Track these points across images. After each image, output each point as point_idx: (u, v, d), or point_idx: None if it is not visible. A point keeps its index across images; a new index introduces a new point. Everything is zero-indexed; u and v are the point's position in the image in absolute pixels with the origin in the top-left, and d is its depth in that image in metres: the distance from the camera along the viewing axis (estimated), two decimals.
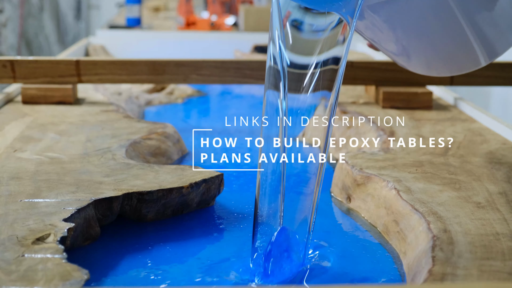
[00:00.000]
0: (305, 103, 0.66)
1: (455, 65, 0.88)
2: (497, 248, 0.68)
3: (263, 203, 0.68)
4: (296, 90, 0.66)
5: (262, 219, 0.68)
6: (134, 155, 1.01)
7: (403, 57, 0.89)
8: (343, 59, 0.65)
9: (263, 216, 0.68)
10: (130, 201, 0.83)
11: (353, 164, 0.94)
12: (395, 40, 0.83)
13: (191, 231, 0.83)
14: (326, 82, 0.65)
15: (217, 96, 1.75)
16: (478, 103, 1.81)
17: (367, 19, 0.74)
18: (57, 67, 1.28)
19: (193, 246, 0.79)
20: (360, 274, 0.73)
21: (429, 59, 0.87)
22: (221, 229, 0.85)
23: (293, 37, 0.65)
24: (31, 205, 0.77)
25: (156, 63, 1.30)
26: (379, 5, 0.68)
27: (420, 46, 0.84)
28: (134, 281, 0.70)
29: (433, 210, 0.78)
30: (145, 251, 0.77)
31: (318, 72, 0.65)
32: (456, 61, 0.86)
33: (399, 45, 0.84)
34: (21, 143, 1.02)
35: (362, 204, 0.89)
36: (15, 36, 3.66)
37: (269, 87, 0.66)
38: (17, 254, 0.65)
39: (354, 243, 0.81)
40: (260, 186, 0.67)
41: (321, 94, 0.65)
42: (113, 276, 0.71)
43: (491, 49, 0.82)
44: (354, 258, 0.77)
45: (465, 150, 1.02)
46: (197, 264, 0.75)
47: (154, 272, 0.72)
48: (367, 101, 1.33)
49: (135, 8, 2.54)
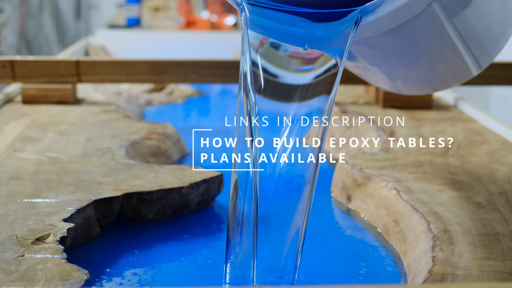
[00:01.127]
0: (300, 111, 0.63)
1: (438, 83, 0.87)
2: (497, 248, 0.68)
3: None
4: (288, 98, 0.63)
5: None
6: (134, 155, 1.01)
7: (394, 90, 0.88)
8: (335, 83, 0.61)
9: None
10: (130, 201, 0.83)
11: (353, 164, 0.94)
12: (372, 68, 0.81)
13: (190, 231, 0.83)
14: (326, 86, 0.61)
15: (217, 96, 1.75)
16: (478, 103, 1.81)
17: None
18: (57, 67, 1.28)
19: (193, 245, 0.79)
20: (360, 274, 0.73)
21: (408, 82, 0.86)
22: (221, 229, 0.85)
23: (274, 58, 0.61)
24: (31, 205, 0.77)
25: (156, 63, 1.30)
26: (365, 38, 0.64)
27: (401, 72, 0.83)
28: (133, 280, 0.70)
29: (433, 210, 0.78)
30: (144, 250, 0.77)
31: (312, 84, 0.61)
32: (440, 79, 0.86)
33: (377, 73, 0.83)
34: (21, 143, 1.02)
35: (362, 204, 0.89)
36: (15, 36, 3.66)
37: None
38: (17, 254, 0.65)
39: (354, 243, 0.81)
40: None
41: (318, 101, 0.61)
42: (111, 275, 0.71)
43: (476, 64, 0.82)
44: (354, 258, 0.77)
45: (465, 150, 1.01)
46: (197, 263, 0.75)
47: (154, 271, 0.72)
48: (367, 101, 1.33)
49: (135, 8, 2.54)
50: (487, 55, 0.82)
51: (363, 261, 0.76)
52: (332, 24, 0.58)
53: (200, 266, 0.74)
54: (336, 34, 0.58)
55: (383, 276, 0.73)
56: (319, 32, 0.59)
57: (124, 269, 0.72)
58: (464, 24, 0.71)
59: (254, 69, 0.59)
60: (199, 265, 0.74)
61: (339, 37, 0.58)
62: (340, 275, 0.73)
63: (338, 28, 0.58)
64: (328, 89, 0.60)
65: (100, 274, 0.71)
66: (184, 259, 0.76)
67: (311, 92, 0.61)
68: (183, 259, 0.76)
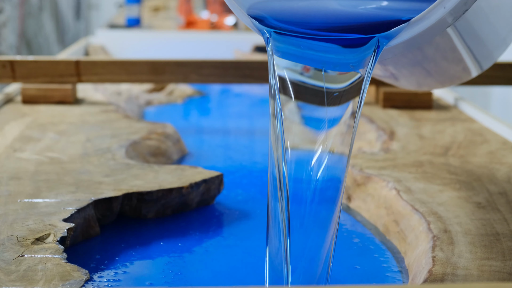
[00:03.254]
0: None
1: (447, 79, 0.87)
2: (497, 248, 0.68)
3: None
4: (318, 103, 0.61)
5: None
6: (134, 155, 1.01)
7: (390, 80, 0.89)
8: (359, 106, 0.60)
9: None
10: (130, 201, 0.83)
11: (353, 164, 0.94)
12: (384, 69, 0.81)
13: (190, 229, 0.83)
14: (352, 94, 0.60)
15: (217, 96, 1.75)
16: (478, 103, 1.81)
17: None
18: (56, 67, 1.28)
19: (192, 244, 0.79)
20: (360, 274, 0.73)
21: (420, 79, 0.87)
22: (220, 227, 0.85)
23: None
24: (31, 205, 0.77)
25: (156, 63, 1.30)
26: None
27: (411, 72, 0.84)
28: (132, 279, 0.70)
29: (433, 210, 0.78)
30: (144, 247, 0.77)
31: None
32: (448, 76, 0.86)
33: (388, 72, 0.83)
34: (21, 143, 1.02)
35: (362, 204, 0.89)
36: (15, 36, 3.66)
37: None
38: (17, 254, 0.65)
39: (354, 243, 0.81)
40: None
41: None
42: (111, 273, 0.71)
43: (479, 66, 0.82)
44: (354, 258, 0.77)
45: (465, 150, 1.01)
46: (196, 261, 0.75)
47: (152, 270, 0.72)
48: (367, 101, 1.33)
49: (135, 8, 2.54)
50: (490, 58, 0.82)
51: (363, 261, 0.76)
52: (350, 50, 0.58)
53: (199, 264, 0.74)
54: (357, 59, 0.59)
55: (383, 276, 0.73)
56: (342, 57, 0.60)
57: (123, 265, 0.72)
58: (469, 32, 0.71)
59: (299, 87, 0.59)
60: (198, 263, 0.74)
61: (361, 63, 0.59)
62: (340, 275, 0.73)
63: (359, 54, 0.58)
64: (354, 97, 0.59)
65: (98, 271, 0.71)
66: (183, 256, 0.76)
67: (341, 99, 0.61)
68: (182, 256, 0.76)
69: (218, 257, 0.76)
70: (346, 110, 0.59)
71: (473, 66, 0.81)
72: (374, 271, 0.74)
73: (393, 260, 0.76)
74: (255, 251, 0.77)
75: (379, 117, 1.19)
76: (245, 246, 0.79)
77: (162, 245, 0.78)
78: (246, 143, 1.28)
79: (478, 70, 0.83)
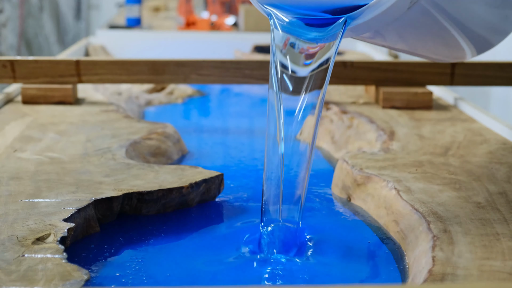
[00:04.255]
0: (301, 103, 0.75)
1: (452, 55, 0.94)
2: (497, 248, 0.68)
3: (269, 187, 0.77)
4: (293, 92, 0.75)
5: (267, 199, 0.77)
6: (134, 155, 1.01)
7: (410, 53, 0.93)
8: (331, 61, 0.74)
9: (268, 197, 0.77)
10: (130, 201, 0.83)
11: (353, 164, 0.94)
12: (398, 44, 0.87)
13: (190, 227, 0.83)
14: (319, 81, 0.75)
15: (217, 95, 1.75)
16: (478, 103, 1.81)
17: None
18: (57, 67, 1.28)
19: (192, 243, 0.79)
20: (360, 274, 0.73)
21: (431, 51, 0.92)
22: (220, 226, 0.85)
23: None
24: (31, 205, 0.77)
25: (156, 63, 1.30)
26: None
27: (421, 46, 0.86)
28: (131, 277, 0.70)
29: (433, 210, 0.78)
30: (144, 244, 0.77)
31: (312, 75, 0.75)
32: (452, 53, 0.90)
33: (404, 46, 0.87)
34: (21, 143, 1.02)
35: (362, 204, 0.89)
36: (15, 36, 3.66)
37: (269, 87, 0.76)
38: (17, 254, 0.65)
39: (353, 243, 0.81)
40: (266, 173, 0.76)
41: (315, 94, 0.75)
42: (110, 271, 0.71)
43: (477, 49, 0.88)
44: (354, 258, 0.77)
45: (465, 150, 1.02)
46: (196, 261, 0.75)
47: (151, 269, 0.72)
48: (367, 101, 1.33)
49: (135, 8, 2.54)
50: (486, 42, 0.84)
51: (363, 261, 0.76)
52: (322, 29, 0.73)
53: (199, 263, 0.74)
54: (327, 36, 0.73)
55: (383, 276, 0.73)
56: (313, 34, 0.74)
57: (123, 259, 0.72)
58: (455, 15, 0.77)
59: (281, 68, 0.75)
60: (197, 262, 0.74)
61: (330, 37, 0.73)
62: (340, 275, 0.73)
63: (329, 32, 0.73)
64: (320, 84, 0.74)
65: (98, 269, 0.71)
66: (183, 253, 0.76)
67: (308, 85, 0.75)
68: (182, 254, 0.76)
69: (216, 252, 0.76)
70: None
71: (467, 48, 0.84)
72: (374, 271, 0.74)
73: (393, 260, 0.76)
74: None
75: (379, 117, 1.19)
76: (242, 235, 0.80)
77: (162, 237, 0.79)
78: (246, 143, 1.28)
79: (473, 53, 0.86)
